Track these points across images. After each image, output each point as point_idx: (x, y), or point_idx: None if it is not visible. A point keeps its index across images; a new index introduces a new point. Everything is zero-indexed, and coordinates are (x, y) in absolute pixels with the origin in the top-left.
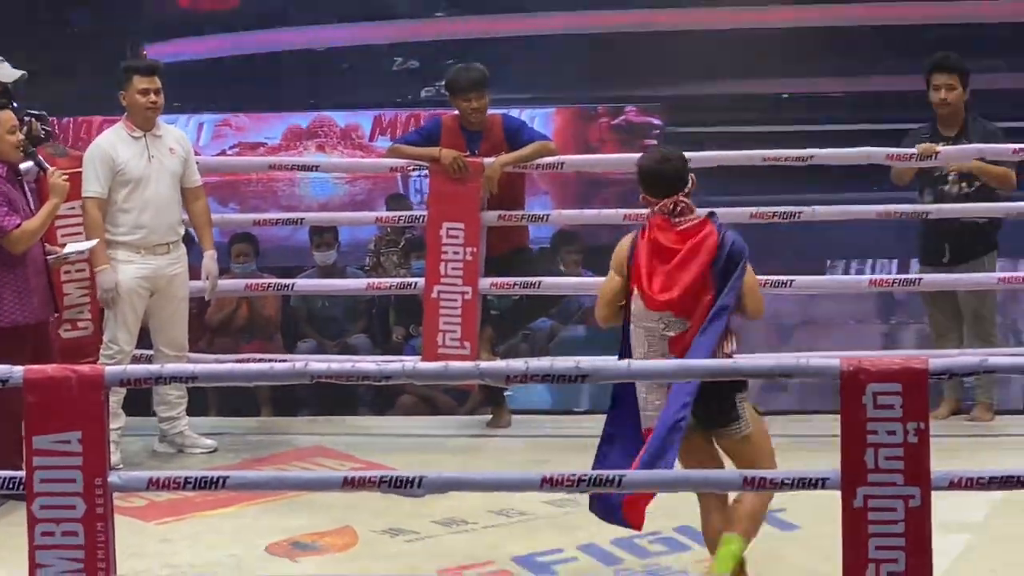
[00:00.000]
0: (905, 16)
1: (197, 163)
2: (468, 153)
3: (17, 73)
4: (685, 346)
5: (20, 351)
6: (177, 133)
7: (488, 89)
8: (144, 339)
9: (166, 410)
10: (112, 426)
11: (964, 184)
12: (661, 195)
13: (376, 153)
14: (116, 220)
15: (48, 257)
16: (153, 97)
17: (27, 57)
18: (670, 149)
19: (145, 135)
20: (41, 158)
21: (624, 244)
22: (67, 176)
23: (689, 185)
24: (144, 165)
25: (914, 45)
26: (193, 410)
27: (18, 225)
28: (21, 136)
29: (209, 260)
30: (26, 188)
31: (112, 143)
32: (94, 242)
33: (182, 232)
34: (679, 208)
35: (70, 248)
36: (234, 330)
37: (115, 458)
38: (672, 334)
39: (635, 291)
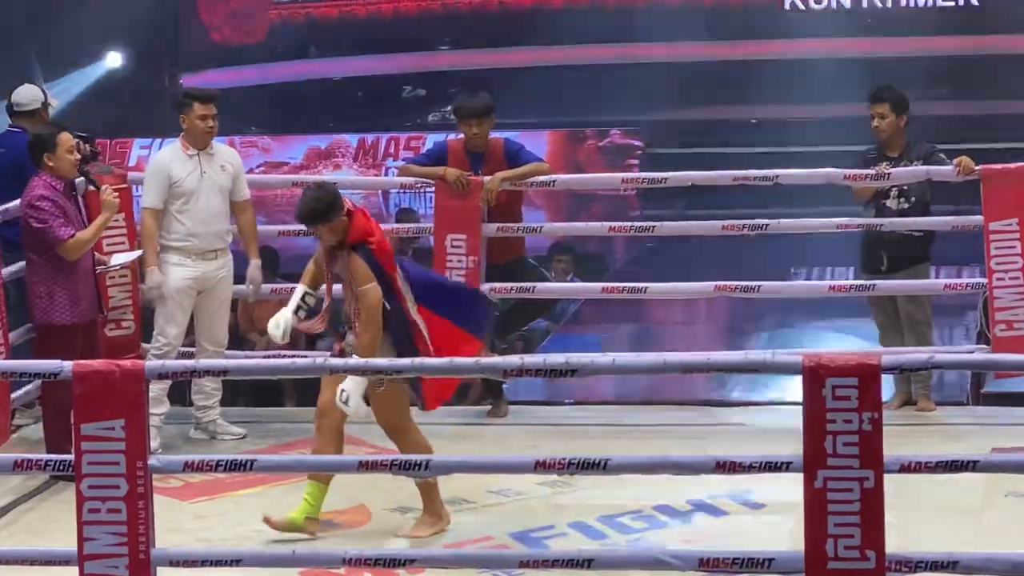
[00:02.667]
0: (859, 50)
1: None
2: (471, 173)
3: (41, 96)
4: None
5: (72, 347)
6: (229, 152)
7: (491, 116)
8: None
9: (202, 399)
10: (155, 411)
11: (903, 199)
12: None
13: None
14: (170, 228)
15: (97, 268)
16: (211, 123)
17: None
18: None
19: (199, 153)
20: (92, 175)
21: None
22: (117, 192)
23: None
24: (197, 180)
25: (869, 77)
26: (225, 400)
27: (72, 235)
28: (78, 156)
29: (254, 268)
30: (80, 202)
31: (169, 160)
32: (138, 253)
33: (229, 240)
34: None
35: (116, 260)
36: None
37: (155, 443)
38: None
39: None
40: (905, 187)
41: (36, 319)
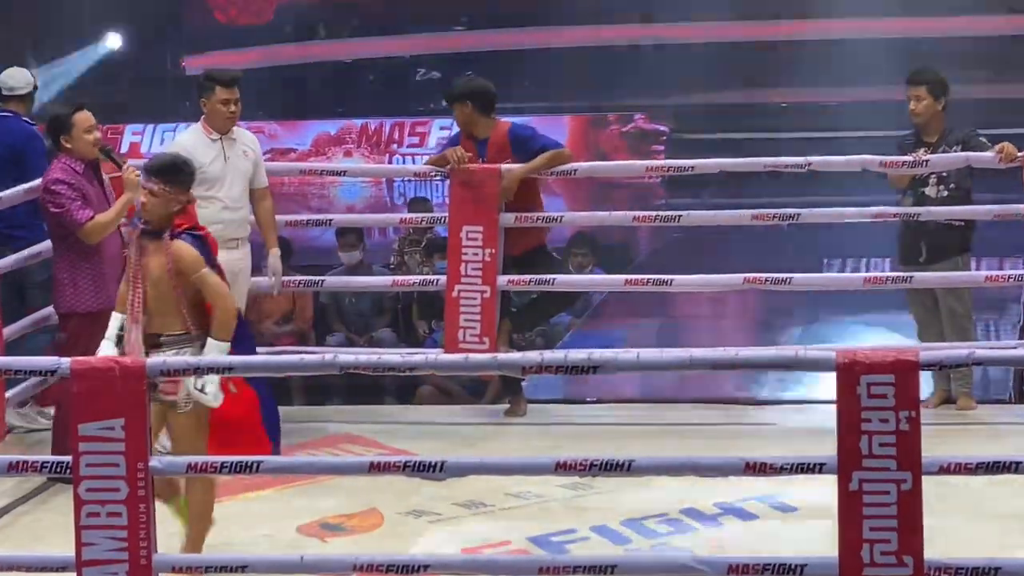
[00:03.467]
0: (895, 30)
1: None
2: (477, 158)
3: (32, 79)
4: None
5: (99, 334)
6: (249, 137)
7: (465, 102)
8: None
9: None
10: None
11: (942, 187)
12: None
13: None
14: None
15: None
16: (232, 107)
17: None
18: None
19: (222, 138)
20: (115, 155)
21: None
22: (137, 171)
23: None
24: (221, 166)
25: (908, 58)
26: None
27: (91, 218)
28: (98, 135)
29: (274, 258)
30: (105, 184)
31: (193, 144)
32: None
33: (249, 230)
34: None
35: None
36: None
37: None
38: None
39: None
40: (944, 174)
41: (61, 307)
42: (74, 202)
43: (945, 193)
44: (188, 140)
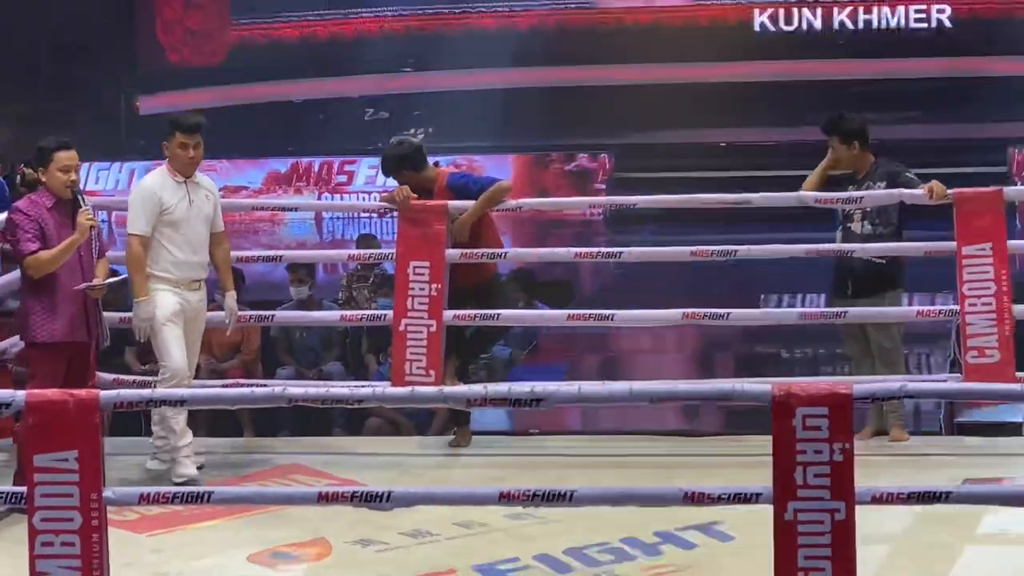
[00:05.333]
0: (830, 72)
1: None
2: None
3: None
4: None
5: (51, 368)
6: (208, 182)
7: (402, 171)
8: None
9: (162, 431)
10: (181, 443)
11: (866, 222)
12: None
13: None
14: (158, 256)
15: (81, 285)
16: (192, 152)
17: (27, 107)
18: None
19: (186, 181)
20: (83, 196)
21: None
22: (92, 217)
23: None
24: (186, 208)
25: (839, 100)
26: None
27: (32, 252)
28: (74, 176)
29: (231, 299)
30: (76, 221)
31: (159, 186)
32: (122, 277)
33: (208, 272)
34: None
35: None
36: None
37: (192, 471)
38: None
39: None
40: (869, 210)
41: (21, 338)
42: (26, 234)
43: (869, 229)
44: (154, 182)
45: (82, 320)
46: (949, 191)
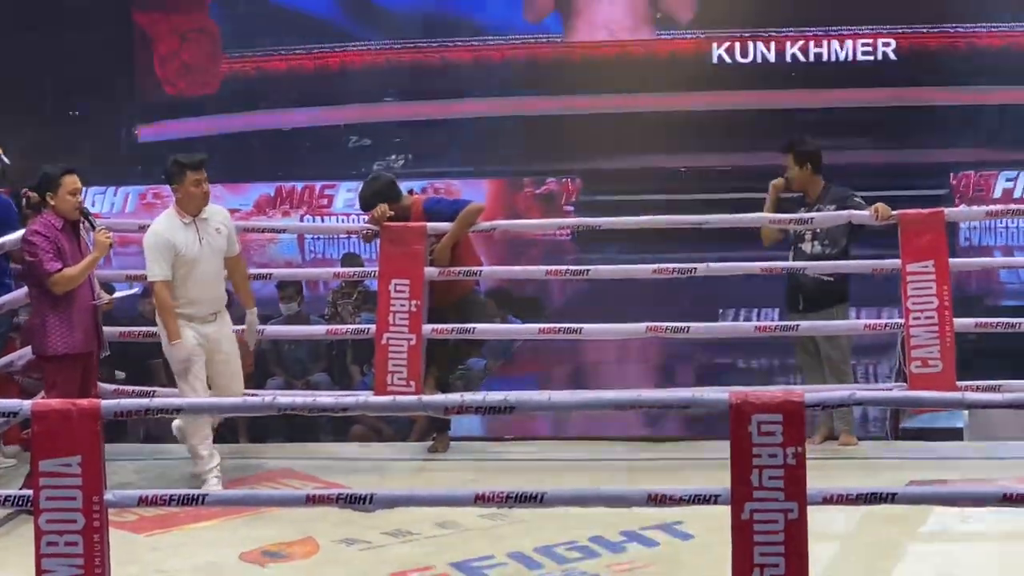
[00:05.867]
0: (783, 101)
1: None
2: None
3: None
4: None
5: (69, 377)
6: (222, 213)
7: (378, 204)
8: None
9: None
10: (210, 465)
11: (816, 243)
12: None
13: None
14: (174, 295)
15: (95, 301)
16: (205, 187)
17: (34, 136)
18: None
19: (195, 220)
20: (91, 217)
21: None
22: (110, 234)
23: None
24: (197, 248)
25: (792, 127)
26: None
27: (59, 270)
28: (80, 199)
29: (252, 316)
30: (85, 240)
31: (170, 229)
32: (136, 289)
33: (225, 300)
34: None
35: (116, 293)
36: None
37: (218, 488)
38: None
39: None
40: (819, 231)
41: (36, 351)
42: (47, 254)
43: (819, 249)
44: (164, 226)
45: (94, 332)
46: (894, 212)
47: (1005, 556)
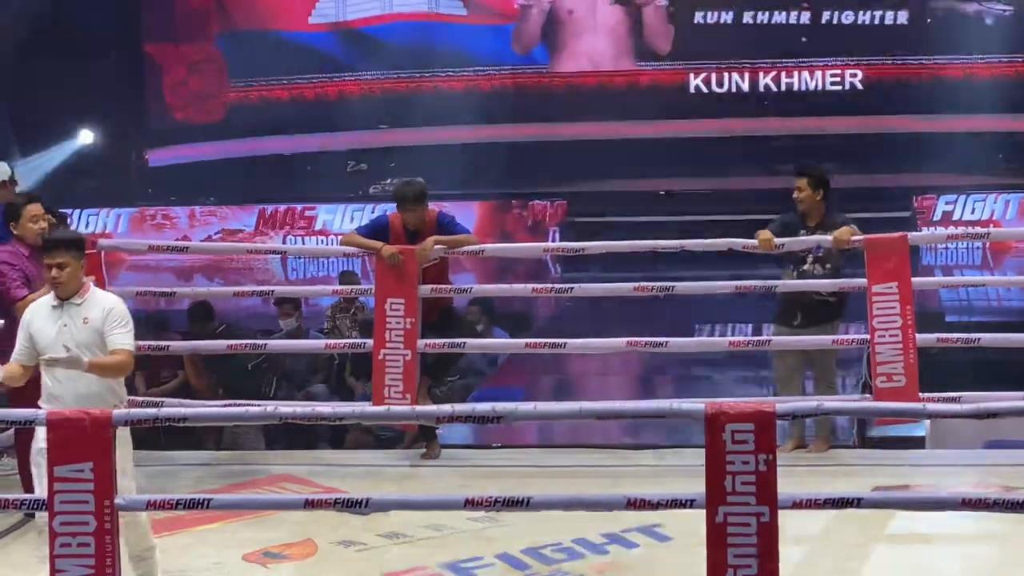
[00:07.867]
0: (756, 128)
1: (187, 248)
2: (407, 244)
3: (8, 170)
4: None
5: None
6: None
7: (424, 201)
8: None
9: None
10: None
11: (818, 265)
12: None
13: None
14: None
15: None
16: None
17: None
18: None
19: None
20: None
21: None
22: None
23: None
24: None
25: (765, 153)
26: (191, 444)
27: (23, 297)
28: (43, 225)
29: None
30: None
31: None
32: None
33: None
34: None
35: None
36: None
37: None
38: None
39: None
40: (821, 254)
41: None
42: (14, 281)
43: (821, 271)
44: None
45: None
46: (860, 236)
47: (966, 558)
